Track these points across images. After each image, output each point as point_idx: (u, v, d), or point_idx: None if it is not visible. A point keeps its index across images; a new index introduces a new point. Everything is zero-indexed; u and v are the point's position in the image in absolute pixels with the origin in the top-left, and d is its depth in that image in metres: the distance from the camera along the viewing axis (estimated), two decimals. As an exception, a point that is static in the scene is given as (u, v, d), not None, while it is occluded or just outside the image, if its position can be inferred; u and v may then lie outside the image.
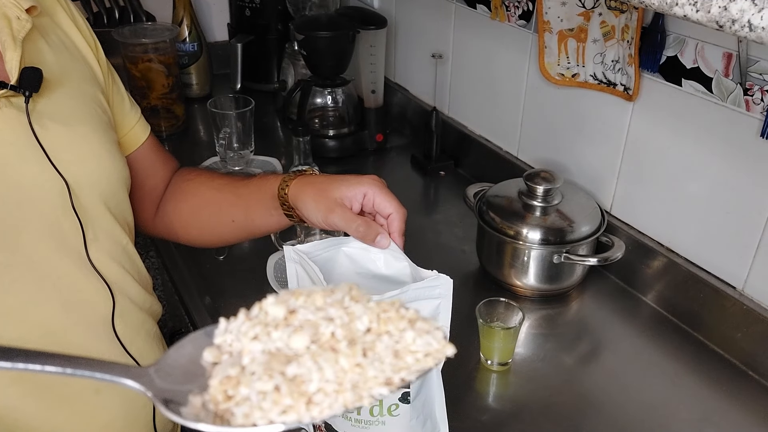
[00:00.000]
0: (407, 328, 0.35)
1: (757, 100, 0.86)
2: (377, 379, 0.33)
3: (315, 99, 1.50)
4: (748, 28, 0.45)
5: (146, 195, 0.92)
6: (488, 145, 1.36)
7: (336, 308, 0.35)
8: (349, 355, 0.33)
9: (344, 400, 0.32)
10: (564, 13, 1.08)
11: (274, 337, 0.34)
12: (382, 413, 0.74)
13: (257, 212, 0.84)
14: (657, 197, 1.04)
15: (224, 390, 0.33)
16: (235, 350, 0.35)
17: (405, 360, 0.34)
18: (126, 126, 0.87)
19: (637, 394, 0.89)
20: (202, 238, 0.95)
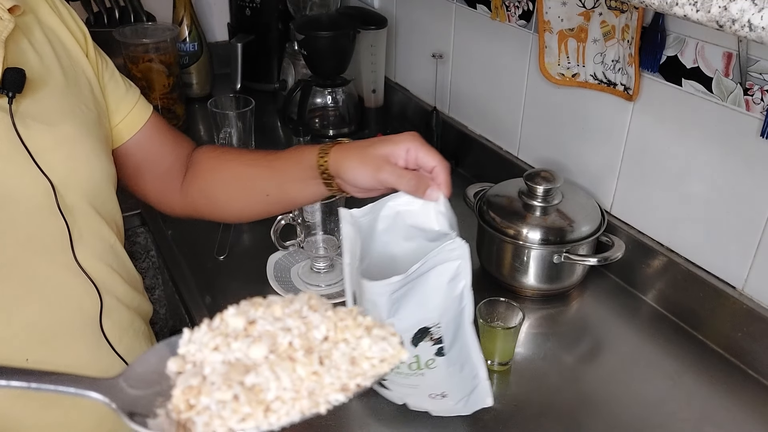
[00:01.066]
0: (364, 336, 0.36)
1: (757, 99, 0.86)
2: (333, 385, 0.35)
3: (315, 99, 1.50)
4: (748, 27, 0.45)
5: (163, 176, 0.91)
6: (488, 144, 1.36)
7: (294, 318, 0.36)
8: (306, 364, 0.34)
9: (301, 407, 0.34)
10: (564, 12, 1.08)
11: (234, 348, 0.35)
12: (420, 367, 0.80)
13: (293, 184, 0.84)
14: (657, 197, 1.04)
15: (186, 399, 0.34)
16: (198, 360, 0.36)
17: (361, 366, 0.36)
18: (124, 109, 0.86)
19: (638, 393, 0.89)
20: (233, 214, 0.94)
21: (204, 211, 0.94)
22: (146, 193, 0.93)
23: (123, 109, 0.86)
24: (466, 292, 0.75)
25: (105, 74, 0.85)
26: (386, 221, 0.77)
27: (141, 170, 0.90)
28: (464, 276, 0.74)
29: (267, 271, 1.09)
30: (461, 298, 0.76)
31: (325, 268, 1.10)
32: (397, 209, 0.76)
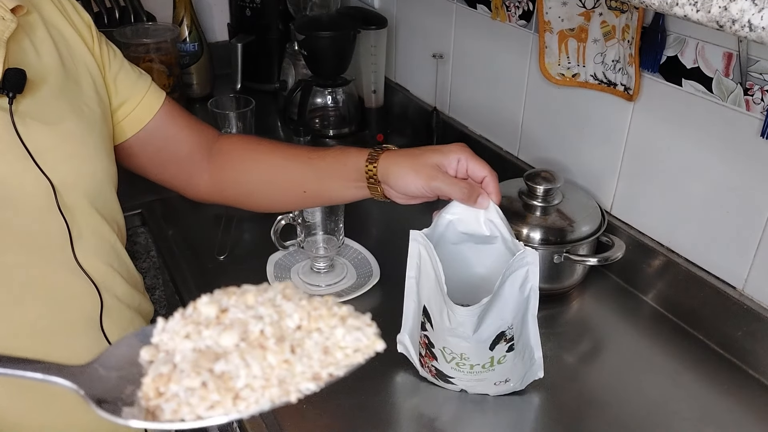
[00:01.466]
0: (338, 325, 0.36)
1: (758, 99, 0.86)
2: (305, 374, 0.35)
3: (316, 99, 1.50)
4: (748, 28, 0.45)
5: (185, 162, 0.91)
6: (488, 145, 1.36)
7: (266, 307, 0.36)
8: (277, 352, 0.34)
9: (271, 395, 0.33)
10: (564, 13, 1.08)
11: (205, 336, 0.35)
12: (493, 365, 0.85)
13: (334, 185, 0.85)
14: (657, 197, 1.04)
15: (156, 387, 0.34)
16: (170, 349, 0.36)
17: (334, 356, 0.36)
18: (137, 96, 0.86)
19: (638, 393, 0.89)
20: (264, 205, 0.95)
21: (233, 199, 0.95)
22: (169, 180, 0.93)
23: (136, 96, 0.86)
24: (533, 293, 0.81)
25: (113, 65, 0.84)
26: (440, 230, 0.82)
27: (161, 157, 0.90)
28: (532, 279, 0.80)
29: (267, 271, 1.10)
30: (529, 299, 0.81)
31: (325, 268, 1.10)
32: (449, 218, 0.81)
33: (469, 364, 0.85)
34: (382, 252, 1.16)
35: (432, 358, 0.87)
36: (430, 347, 0.87)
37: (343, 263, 1.12)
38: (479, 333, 0.82)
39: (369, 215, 1.30)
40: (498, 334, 0.83)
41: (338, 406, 0.87)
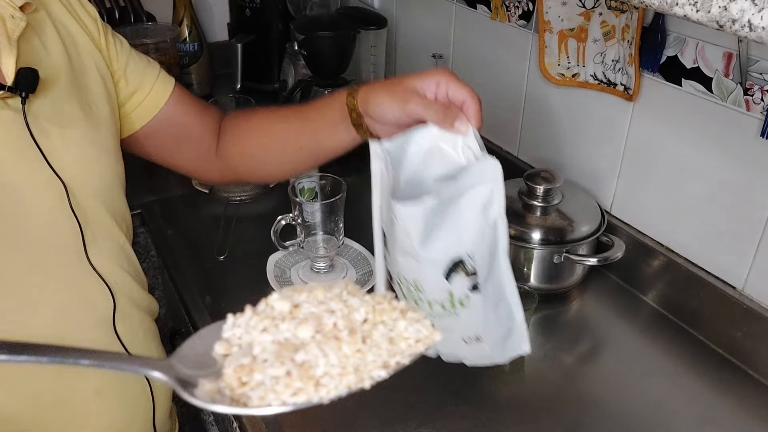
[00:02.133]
0: (399, 318, 0.39)
1: (757, 99, 0.86)
2: (375, 362, 0.37)
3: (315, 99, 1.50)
4: (748, 27, 0.45)
5: (198, 145, 0.92)
6: (488, 144, 1.36)
7: (336, 302, 0.38)
8: (351, 343, 0.36)
9: (348, 382, 0.36)
10: (564, 12, 1.08)
11: (282, 329, 0.37)
12: (454, 305, 0.73)
13: (325, 132, 0.83)
14: (657, 197, 1.04)
15: (238, 377, 0.37)
16: (245, 342, 0.38)
17: (399, 346, 0.38)
18: (148, 84, 0.86)
19: (638, 393, 0.89)
20: (270, 173, 0.95)
21: (244, 174, 0.95)
22: (183, 164, 0.94)
23: (146, 84, 0.86)
24: (500, 220, 0.69)
25: (121, 55, 0.84)
26: (414, 157, 0.74)
27: (175, 142, 0.90)
28: (498, 202, 0.68)
29: (267, 271, 1.09)
30: (495, 228, 0.70)
31: (325, 268, 1.10)
32: (425, 145, 0.73)
33: (427, 300, 0.73)
34: (382, 252, 1.16)
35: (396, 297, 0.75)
36: (390, 283, 0.78)
37: (343, 263, 1.12)
38: (428, 248, 0.70)
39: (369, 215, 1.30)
40: (455, 262, 0.71)
41: (338, 406, 0.87)
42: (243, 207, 1.30)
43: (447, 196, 0.68)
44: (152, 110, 0.86)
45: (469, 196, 0.68)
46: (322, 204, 1.06)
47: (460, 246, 0.70)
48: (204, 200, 1.33)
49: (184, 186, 1.36)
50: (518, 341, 0.75)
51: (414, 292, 0.74)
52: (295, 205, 1.06)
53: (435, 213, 0.69)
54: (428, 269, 0.71)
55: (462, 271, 0.72)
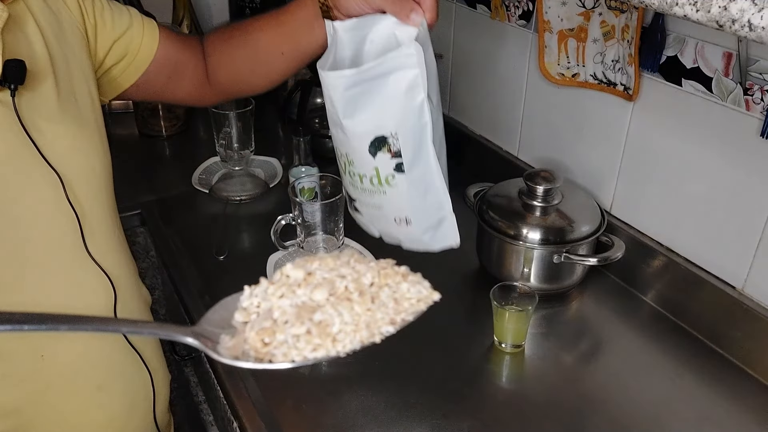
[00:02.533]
0: (402, 281, 0.43)
1: (757, 99, 0.86)
2: (384, 319, 0.41)
3: (315, 99, 1.50)
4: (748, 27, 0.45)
5: (193, 75, 0.95)
6: (488, 145, 1.36)
7: (345, 268, 0.42)
8: (361, 303, 0.40)
9: (360, 337, 0.40)
10: (564, 12, 1.08)
11: (299, 294, 0.41)
12: (381, 183, 0.78)
13: (301, 32, 0.88)
14: (657, 197, 1.04)
15: (261, 339, 0.40)
16: (263, 309, 0.42)
17: (403, 305, 0.42)
18: (137, 33, 0.87)
19: (637, 393, 0.89)
20: (258, 85, 0.99)
21: (235, 91, 1.02)
22: (182, 97, 0.98)
23: (136, 34, 0.87)
24: (425, 106, 0.73)
25: (105, 14, 0.84)
26: (372, 44, 0.77)
27: (174, 77, 0.93)
28: (422, 88, 0.72)
29: (267, 271, 1.09)
30: (421, 113, 0.73)
31: (325, 268, 1.09)
32: (384, 32, 0.76)
33: (357, 173, 0.78)
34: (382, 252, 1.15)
35: (342, 174, 0.83)
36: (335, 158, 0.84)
37: (342, 263, 1.12)
38: (353, 120, 0.75)
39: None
40: (378, 137, 0.75)
41: (338, 406, 0.87)
42: (243, 207, 1.30)
43: (372, 74, 0.72)
44: (149, 53, 0.88)
45: (393, 77, 0.72)
46: (322, 204, 1.06)
47: (383, 123, 0.74)
48: (204, 200, 1.33)
49: (184, 186, 1.36)
50: (449, 232, 0.81)
51: (347, 165, 0.79)
52: (295, 205, 1.06)
53: (360, 88, 0.73)
54: (354, 141, 0.76)
55: (386, 149, 0.76)
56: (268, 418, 0.84)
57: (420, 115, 0.74)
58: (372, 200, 0.81)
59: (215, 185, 1.35)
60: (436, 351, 0.96)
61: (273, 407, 0.86)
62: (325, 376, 0.92)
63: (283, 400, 0.87)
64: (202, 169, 1.42)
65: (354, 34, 0.78)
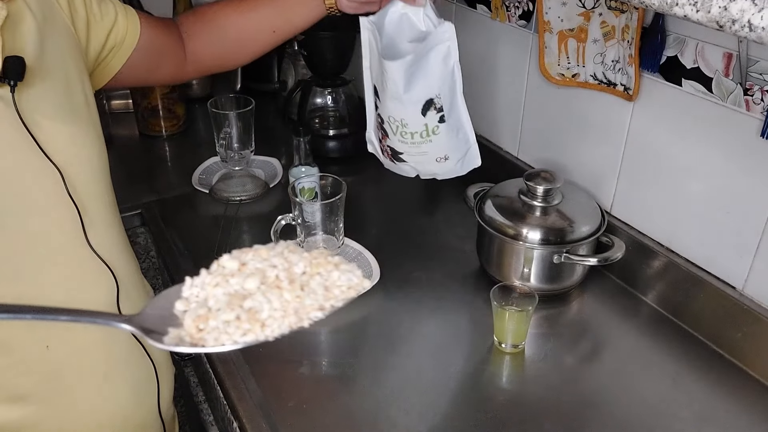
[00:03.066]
0: (333, 270, 0.44)
1: (757, 100, 0.86)
2: (313, 306, 0.43)
3: (315, 99, 1.50)
4: (748, 28, 0.45)
5: (171, 59, 0.98)
6: (488, 145, 1.36)
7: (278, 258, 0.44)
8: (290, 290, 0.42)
9: (289, 322, 0.42)
10: (564, 13, 1.08)
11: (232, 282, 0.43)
12: (429, 134, 1.01)
13: (296, 10, 0.99)
14: (657, 197, 1.04)
15: (196, 325, 0.43)
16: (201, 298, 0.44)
17: (333, 292, 0.44)
18: (121, 23, 0.88)
19: (638, 394, 0.89)
20: (241, 59, 1.06)
21: (215, 67, 1.07)
22: (163, 79, 1.03)
23: (121, 24, 0.88)
24: (456, 67, 0.97)
25: (94, 8, 0.84)
26: (389, 26, 0.98)
27: (156, 61, 0.95)
28: (454, 55, 0.96)
29: (267, 272, 1.09)
30: (453, 73, 0.98)
31: (325, 268, 1.09)
32: (396, 16, 0.97)
33: (410, 132, 1.00)
34: (382, 252, 1.16)
35: (385, 136, 1.04)
36: (381, 125, 1.04)
37: (342, 263, 1.12)
38: (410, 93, 0.97)
39: (369, 215, 1.30)
40: (427, 100, 0.97)
41: (338, 406, 0.87)
42: (243, 207, 1.30)
43: (419, 53, 0.95)
44: (128, 51, 0.90)
45: (434, 52, 0.95)
46: (322, 204, 1.06)
47: (431, 89, 0.98)
48: (204, 200, 1.33)
49: (184, 186, 1.36)
50: (473, 157, 1.04)
51: (401, 127, 1.01)
52: (295, 205, 1.06)
53: (412, 66, 0.95)
54: (410, 108, 0.98)
55: (433, 108, 0.99)
56: (268, 419, 0.84)
57: (453, 76, 0.98)
58: (419, 150, 1.03)
59: (215, 185, 1.35)
60: (435, 351, 0.96)
61: (273, 407, 0.86)
62: (326, 376, 0.92)
63: (284, 401, 0.87)
64: (202, 170, 1.42)
65: (380, 22, 0.98)
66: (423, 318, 1.03)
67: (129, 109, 1.64)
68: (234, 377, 0.90)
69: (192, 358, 1.14)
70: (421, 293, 1.09)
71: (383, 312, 1.03)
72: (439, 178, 1.09)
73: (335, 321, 1.01)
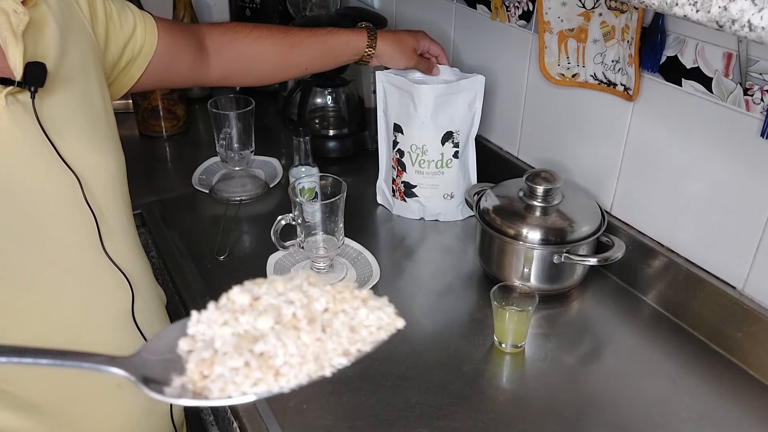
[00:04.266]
0: (361, 306, 0.39)
1: (757, 99, 0.86)
2: (336, 350, 0.37)
3: (315, 99, 1.50)
4: (748, 28, 0.45)
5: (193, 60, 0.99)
6: (488, 145, 1.36)
7: (296, 292, 0.38)
8: (310, 332, 0.37)
9: (308, 370, 0.36)
10: (564, 13, 1.08)
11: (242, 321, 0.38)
12: (443, 166, 1.20)
13: (334, 61, 1.13)
14: (657, 197, 1.04)
15: (200, 371, 0.37)
16: (208, 337, 0.39)
17: (360, 333, 0.38)
18: (140, 30, 0.88)
19: (638, 394, 0.89)
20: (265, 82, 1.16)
21: (238, 81, 1.21)
22: (183, 81, 1.05)
23: (140, 32, 0.89)
24: (477, 114, 1.19)
25: (113, 16, 0.84)
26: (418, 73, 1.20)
27: (172, 67, 0.96)
28: (478, 104, 1.18)
29: (267, 272, 1.10)
30: (474, 118, 1.19)
31: (325, 268, 1.10)
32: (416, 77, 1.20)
33: (427, 160, 1.18)
34: (382, 252, 1.16)
35: (401, 172, 1.21)
36: (400, 160, 1.21)
37: (343, 263, 1.12)
38: (436, 119, 1.16)
39: (369, 215, 1.30)
40: (447, 132, 1.17)
41: (338, 406, 0.87)
42: (243, 207, 1.30)
43: (450, 90, 1.16)
44: (146, 60, 0.91)
45: (462, 95, 1.17)
46: (322, 204, 1.06)
47: (453, 123, 1.18)
48: (204, 200, 1.33)
49: (184, 186, 1.36)
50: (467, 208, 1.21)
51: (421, 155, 1.19)
52: (295, 205, 1.06)
53: (441, 97, 1.15)
54: (432, 134, 1.17)
55: (451, 141, 1.18)
56: (268, 419, 0.84)
57: (473, 120, 1.20)
58: (432, 181, 1.21)
59: (215, 186, 1.35)
60: (436, 351, 0.96)
61: (273, 407, 0.86)
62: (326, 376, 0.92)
63: (284, 401, 0.87)
64: (202, 170, 1.42)
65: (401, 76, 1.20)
66: (423, 318, 1.03)
67: (129, 109, 1.64)
68: (234, 377, 0.90)
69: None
70: (421, 293, 1.09)
71: (383, 312, 1.03)
72: (441, 219, 1.24)
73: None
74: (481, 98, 1.16)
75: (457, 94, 1.15)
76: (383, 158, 1.27)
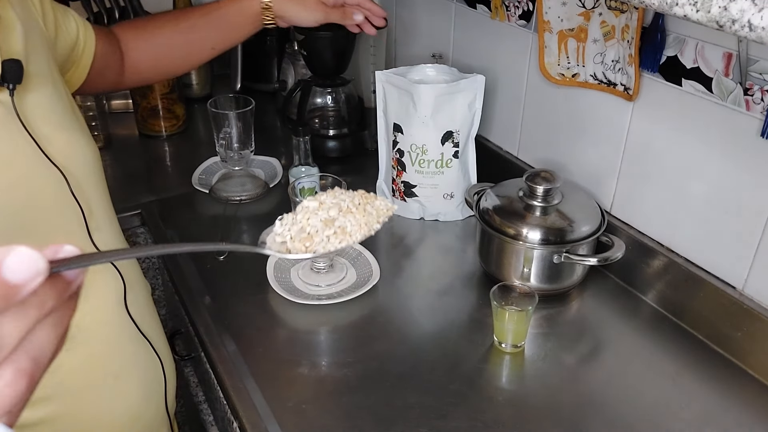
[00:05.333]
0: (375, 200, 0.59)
1: (757, 99, 0.86)
2: (371, 221, 0.57)
3: (315, 99, 1.50)
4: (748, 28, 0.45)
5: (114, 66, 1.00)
6: (488, 144, 1.36)
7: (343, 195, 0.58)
8: (358, 213, 0.57)
9: (363, 232, 0.56)
10: (564, 13, 1.08)
11: (320, 214, 0.56)
12: (443, 165, 1.20)
13: (236, 33, 1.07)
14: (657, 197, 1.04)
15: (303, 245, 0.54)
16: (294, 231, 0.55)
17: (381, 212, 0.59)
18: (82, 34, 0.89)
19: (637, 394, 0.89)
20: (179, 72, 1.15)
21: (154, 78, 1.18)
22: (105, 87, 1.04)
23: (81, 38, 0.90)
24: (477, 114, 1.18)
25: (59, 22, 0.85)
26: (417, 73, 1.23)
27: (102, 71, 0.96)
28: (478, 104, 1.18)
29: (267, 272, 1.09)
30: (473, 118, 1.19)
31: (325, 268, 1.10)
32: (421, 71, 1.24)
33: (427, 159, 1.18)
34: (382, 252, 1.16)
35: (401, 172, 1.22)
36: (400, 160, 1.21)
37: (343, 263, 1.12)
38: (436, 119, 1.15)
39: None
40: (447, 132, 1.17)
41: (338, 406, 0.87)
42: (243, 207, 1.30)
43: (450, 89, 1.15)
44: (87, 66, 0.92)
45: (462, 95, 1.16)
46: (322, 204, 1.05)
47: (453, 123, 1.17)
48: (204, 200, 1.33)
49: (184, 186, 1.36)
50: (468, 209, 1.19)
51: (421, 154, 1.19)
52: (295, 204, 1.06)
53: (441, 96, 1.15)
54: (433, 133, 1.17)
55: (451, 141, 1.18)
56: (268, 419, 0.84)
57: (473, 120, 1.19)
58: (432, 181, 1.21)
59: (215, 185, 1.35)
60: (435, 351, 0.96)
61: (273, 407, 0.86)
62: (326, 376, 0.92)
63: (284, 401, 0.87)
64: (202, 169, 1.42)
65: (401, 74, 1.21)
66: (423, 318, 1.03)
67: (129, 109, 1.64)
68: (234, 377, 0.90)
69: (192, 358, 1.14)
70: (420, 293, 1.09)
71: (383, 312, 1.03)
72: (441, 219, 1.24)
73: (335, 321, 1.01)
74: (481, 98, 1.16)
75: (457, 94, 1.15)
76: (383, 158, 1.27)
